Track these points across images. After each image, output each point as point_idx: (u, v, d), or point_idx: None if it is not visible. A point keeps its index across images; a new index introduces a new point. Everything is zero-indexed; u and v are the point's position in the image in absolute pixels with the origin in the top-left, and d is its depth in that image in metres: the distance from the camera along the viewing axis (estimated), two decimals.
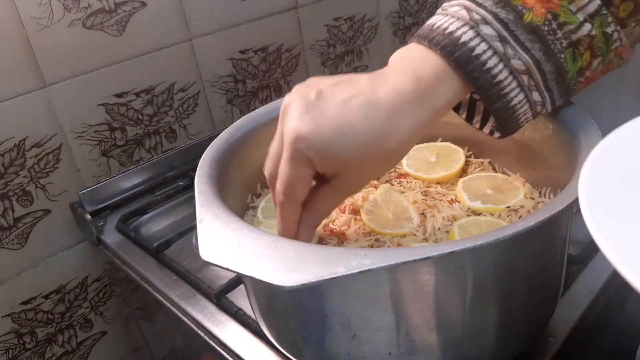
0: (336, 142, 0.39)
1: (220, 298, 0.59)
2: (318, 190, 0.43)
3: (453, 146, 0.62)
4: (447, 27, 0.41)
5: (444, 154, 0.61)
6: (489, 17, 0.40)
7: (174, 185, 0.87)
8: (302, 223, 0.44)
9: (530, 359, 0.46)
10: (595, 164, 0.30)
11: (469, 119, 0.50)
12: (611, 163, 0.30)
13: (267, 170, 0.44)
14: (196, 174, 0.48)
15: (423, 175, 0.59)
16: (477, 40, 0.40)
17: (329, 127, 0.39)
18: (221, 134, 0.55)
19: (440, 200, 0.54)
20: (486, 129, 0.49)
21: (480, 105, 0.49)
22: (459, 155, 0.60)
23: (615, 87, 1.41)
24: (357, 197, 0.55)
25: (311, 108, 0.40)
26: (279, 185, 0.42)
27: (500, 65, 0.40)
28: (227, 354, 0.54)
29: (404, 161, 0.61)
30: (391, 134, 0.39)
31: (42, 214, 0.81)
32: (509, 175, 0.57)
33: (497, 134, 0.47)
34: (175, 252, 0.69)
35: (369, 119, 0.39)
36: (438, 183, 0.58)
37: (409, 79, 0.40)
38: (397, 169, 0.62)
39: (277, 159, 0.42)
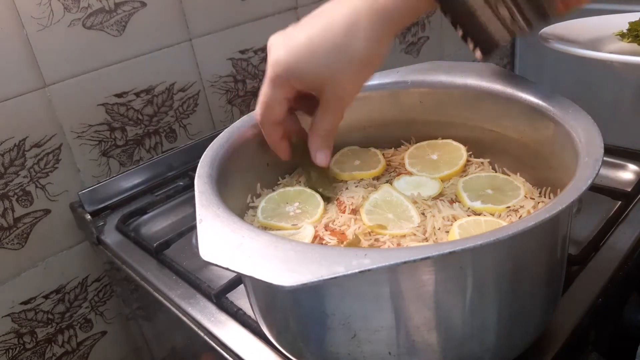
0: (307, 60, 0.45)
1: (220, 298, 0.59)
2: (315, 116, 0.50)
3: (454, 143, 0.62)
4: None
5: (446, 152, 0.61)
6: None
7: (174, 185, 0.87)
8: (312, 147, 0.52)
9: (530, 359, 0.46)
10: None
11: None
12: None
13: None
14: (196, 174, 0.48)
15: (427, 174, 0.59)
16: None
17: (298, 49, 0.46)
18: (221, 134, 0.55)
19: (441, 200, 0.55)
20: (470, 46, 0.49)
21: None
22: (461, 152, 0.60)
23: (615, 87, 1.41)
24: (357, 197, 0.55)
25: (286, 38, 0.47)
26: (258, 107, 0.49)
27: None
28: (227, 354, 0.54)
29: (407, 160, 0.61)
30: (352, 45, 0.45)
31: (42, 214, 0.81)
32: (509, 175, 0.57)
33: (478, 54, 0.47)
34: (175, 252, 0.69)
35: (328, 36, 0.45)
36: (441, 180, 0.58)
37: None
38: (397, 169, 0.62)
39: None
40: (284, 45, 0.46)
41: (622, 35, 0.61)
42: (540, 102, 0.51)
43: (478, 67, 0.60)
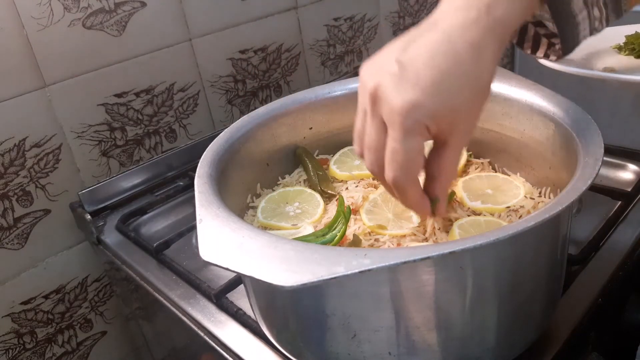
0: (446, 95, 0.38)
1: (220, 298, 0.59)
2: (438, 159, 0.42)
3: None
4: None
5: None
6: None
7: (174, 185, 0.87)
8: (438, 193, 0.44)
9: (530, 359, 0.46)
10: None
11: (520, 44, 0.51)
12: None
13: (372, 164, 0.43)
14: (196, 174, 0.48)
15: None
16: None
17: (432, 86, 0.38)
18: (221, 134, 0.55)
19: None
20: (539, 53, 0.50)
21: (531, 30, 0.49)
22: None
23: (615, 88, 1.41)
24: (357, 197, 0.55)
25: (403, 79, 0.38)
26: (394, 168, 0.40)
27: None
28: (227, 354, 0.54)
29: None
30: (480, 70, 0.39)
31: (42, 214, 0.81)
32: (509, 175, 0.57)
33: (552, 57, 0.49)
34: (175, 252, 0.69)
35: (458, 63, 0.38)
36: None
37: (475, 9, 0.38)
38: None
39: (379, 149, 0.41)
40: (413, 87, 0.38)
41: (619, 49, 0.61)
42: (540, 102, 0.51)
43: None
